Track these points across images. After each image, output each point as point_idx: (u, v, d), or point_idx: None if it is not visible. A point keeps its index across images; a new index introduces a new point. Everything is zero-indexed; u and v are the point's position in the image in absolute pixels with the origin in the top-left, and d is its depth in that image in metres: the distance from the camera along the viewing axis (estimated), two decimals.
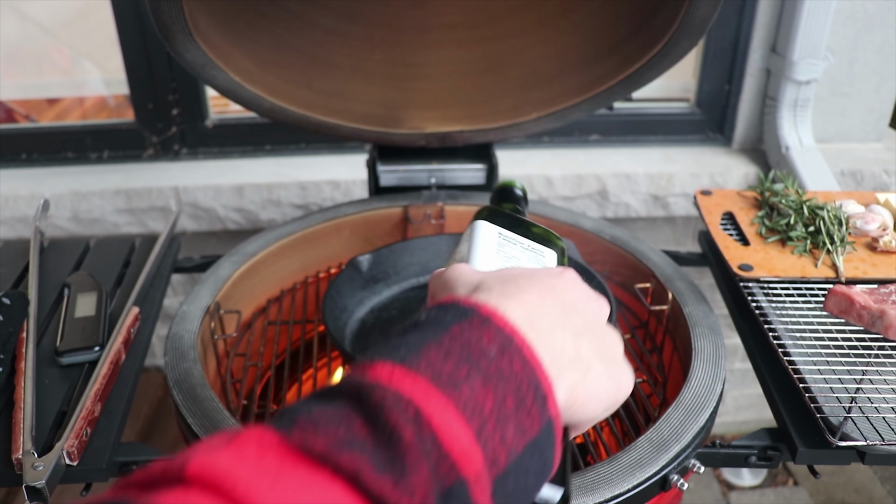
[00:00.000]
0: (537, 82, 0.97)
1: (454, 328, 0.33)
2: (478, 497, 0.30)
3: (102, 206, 1.25)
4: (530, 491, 0.34)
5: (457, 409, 0.30)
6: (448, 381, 0.31)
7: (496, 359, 0.33)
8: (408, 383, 0.30)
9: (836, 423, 0.61)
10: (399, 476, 0.28)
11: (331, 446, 0.28)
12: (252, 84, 0.88)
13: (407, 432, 0.29)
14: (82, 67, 1.40)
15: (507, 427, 0.31)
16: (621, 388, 0.40)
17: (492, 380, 0.32)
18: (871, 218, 0.85)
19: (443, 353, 0.32)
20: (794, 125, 1.29)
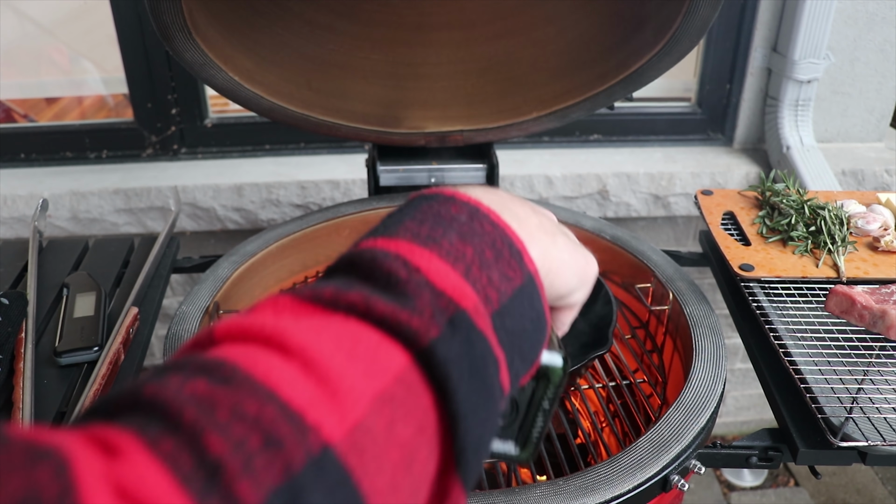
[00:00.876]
0: (538, 82, 0.97)
1: (423, 206, 0.37)
2: (481, 325, 0.32)
3: (101, 205, 1.25)
4: (531, 337, 0.36)
5: (440, 257, 0.33)
6: (427, 238, 0.34)
7: (467, 222, 0.35)
8: (391, 245, 0.33)
9: (837, 424, 0.61)
10: (404, 302, 0.31)
11: (337, 291, 0.31)
12: (251, 83, 0.88)
13: (402, 272, 0.31)
14: (81, 67, 1.39)
15: (491, 272, 0.34)
16: (588, 263, 0.43)
17: (467, 236, 0.35)
18: (873, 218, 0.85)
19: (417, 222, 0.35)
20: (796, 125, 1.29)
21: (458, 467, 0.31)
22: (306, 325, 0.29)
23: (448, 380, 0.30)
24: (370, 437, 0.27)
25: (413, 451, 0.29)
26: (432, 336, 0.30)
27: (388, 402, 0.28)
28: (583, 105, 0.96)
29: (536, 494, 0.59)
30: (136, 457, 0.23)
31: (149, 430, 0.24)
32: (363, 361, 0.28)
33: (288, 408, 0.25)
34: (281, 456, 0.24)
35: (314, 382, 0.26)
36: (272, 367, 0.26)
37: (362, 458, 0.26)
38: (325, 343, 0.28)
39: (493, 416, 0.32)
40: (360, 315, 0.30)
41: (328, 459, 0.25)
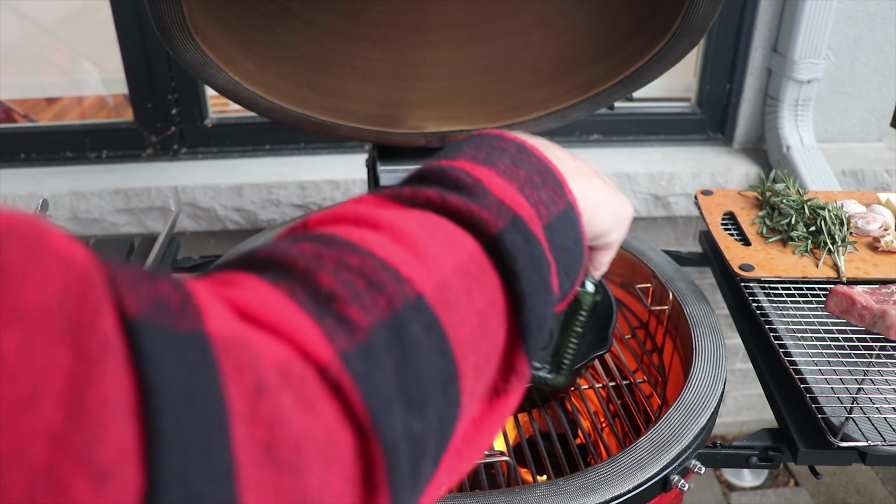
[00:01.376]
0: (538, 82, 0.97)
1: (477, 139, 0.41)
2: (536, 231, 0.35)
3: (101, 205, 1.25)
4: (574, 256, 0.39)
5: (497, 174, 0.37)
6: (484, 159, 0.38)
7: (516, 153, 0.39)
8: (455, 163, 0.37)
9: (837, 424, 0.61)
10: (473, 198, 0.34)
11: (415, 190, 0.35)
12: (251, 83, 0.88)
13: (468, 180, 0.35)
14: (81, 67, 1.39)
15: (541, 192, 0.38)
16: (624, 206, 0.45)
17: (518, 162, 0.39)
18: (873, 218, 0.85)
19: (474, 148, 0.39)
20: (796, 125, 1.29)
21: (523, 342, 0.34)
22: (391, 211, 0.33)
23: (515, 262, 0.33)
24: (453, 294, 0.30)
25: (486, 319, 0.32)
26: (500, 226, 0.33)
27: (465, 273, 0.31)
28: (583, 105, 0.96)
29: (536, 494, 0.59)
30: (255, 286, 0.26)
31: (266, 275, 0.27)
32: (442, 240, 0.32)
33: (385, 262, 0.28)
34: (384, 296, 0.27)
35: (403, 247, 0.30)
36: (366, 235, 0.30)
37: (448, 310, 0.29)
38: (409, 223, 0.32)
39: (549, 304, 0.36)
40: (436, 209, 0.34)
41: (422, 305, 0.28)
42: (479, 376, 0.32)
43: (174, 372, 0.19)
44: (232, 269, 0.28)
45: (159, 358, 0.19)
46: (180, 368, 0.20)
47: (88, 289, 0.18)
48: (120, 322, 0.19)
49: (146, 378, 0.19)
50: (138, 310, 0.20)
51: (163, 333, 0.20)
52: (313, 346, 0.24)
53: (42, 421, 0.16)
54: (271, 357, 0.23)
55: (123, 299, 0.20)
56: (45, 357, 0.16)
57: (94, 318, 0.18)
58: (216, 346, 0.21)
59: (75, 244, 0.19)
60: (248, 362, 0.22)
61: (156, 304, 0.20)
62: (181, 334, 0.20)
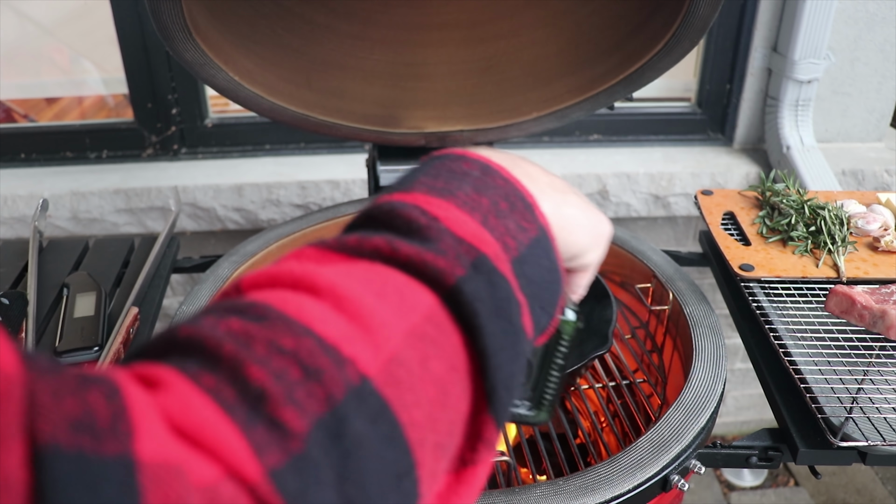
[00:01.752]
0: (538, 82, 0.97)
1: (436, 164, 0.37)
2: (502, 269, 0.32)
3: (101, 205, 1.25)
4: (549, 287, 0.36)
5: (457, 206, 0.33)
6: (443, 190, 0.34)
7: (480, 176, 0.36)
8: (408, 197, 0.34)
9: (837, 424, 0.61)
10: (428, 244, 0.31)
11: (361, 238, 0.31)
12: (251, 83, 0.88)
13: (422, 219, 0.32)
14: (81, 67, 1.39)
15: (507, 221, 0.35)
16: (601, 222, 0.42)
17: (481, 188, 0.35)
18: (873, 218, 0.85)
19: (431, 177, 0.35)
20: (796, 125, 1.29)
21: (490, 405, 0.31)
22: (333, 269, 0.29)
23: (476, 316, 0.30)
24: (405, 370, 0.27)
25: (447, 388, 0.29)
26: (458, 274, 0.30)
27: (420, 338, 0.28)
28: (583, 105, 0.96)
29: (536, 494, 0.59)
30: (179, 388, 0.23)
31: (188, 366, 0.24)
32: (392, 300, 0.28)
33: (324, 341, 0.25)
34: (322, 387, 0.24)
35: (346, 318, 0.27)
36: (304, 305, 0.27)
37: (399, 390, 0.26)
38: (353, 283, 0.28)
39: (520, 356, 0.32)
40: (385, 259, 0.30)
41: (367, 391, 0.25)
42: (441, 455, 0.29)
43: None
44: (154, 359, 0.25)
45: (67, 493, 0.18)
46: (92, 502, 0.18)
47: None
48: (28, 453, 0.18)
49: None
50: (52, 433, 0.18)
51: (77, 462, 0.18)
52: (241, 465, 0.22)
53: None
54: (200, 481, 0.21)
55: (36, 422, 0.18)
56: None
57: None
58: (143, 474, 0.19)
59: (3, 348, 0.18)
60: (175, 493, 0.20)
61: (77, 426, 0.19)
62: (102, 460, 0.19)
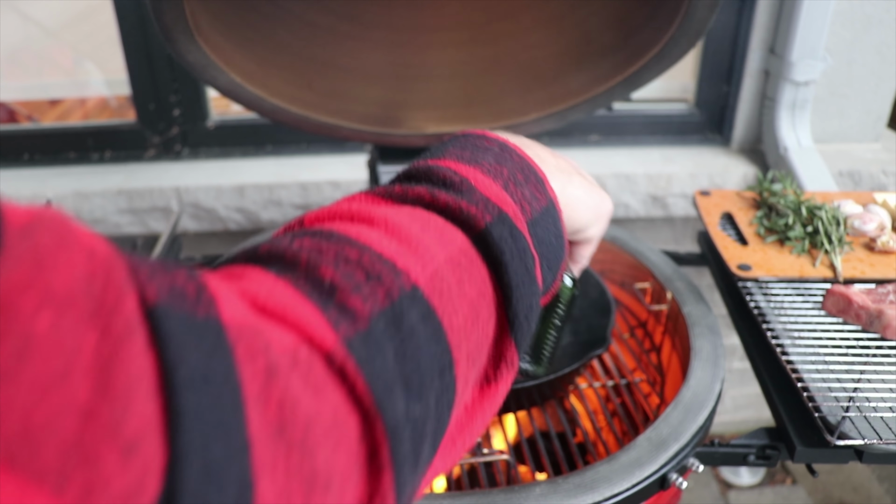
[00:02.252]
0: (537, 83, 0.98)
1: (461, 139, 0.42)
2: (520, 227, 0.37)
3: (104, 206, 1.25)
4: (556, 251, 0.41)
5: (482, 172, 0.38)
6: (469, 158, 0.39)
7: (499, 152, 0.41)
8: (441, 162, 0.39)
9: (834, 423, 0.62)
10: (461, 195, 0.36)
11: (405, 187, 0.36)
12: (253, 85, 0.89)
13: (455, 178, 0.37)
14: (84, 68, 1.40)
15: (524, 189, 0.39)
16: (603, 200, 0.47)
17: (501, 161, 0.40)
18: (869, 218, 0.85)
19: (459, 148, 0.41)
20: (793, 126, 1.29)
21: (512, 330, 0.36)
22: (384, 208, 0.34)
23: (502, 254, 0.35)
24: (446, 285, 0.31)
25: (478, 309, 0.33)
26: (487, 220, 0.35)
27: (457, 265, 0.33)
28: (582, 106, 0.96)
29: (536, 493, 0.60)
30: (260, 276, 0.27)
31: (271, 268, 0.28)
32: (433, 233, 0.33)
33: (382, 255, 0.30)
34: (382, 286, 0.28)
35: (398, 241, 0.31)
36: (362, 231, 0.31)
37: (442, 300, 0.31)
38: (402, 218, 0.33)
39: (535, 296, 0.37)
40: (426, 205, 0.35)
41: (417, 295, 0.29)
42: (472, 364, 0.33)
43: (192, 355, 0.20)
44: (238, 263, 0.29)
45: (178, 341, 0.20)
46: (198, 352, 0.21)
47: (112, 276, 0.19)
48: (141, 308, 0.20)
49: (167, 360, 0.20)
50: (157, 297, 0.21)
51: (181, 319, 0.21)
52: (318, 334, 0.25)
53: (73, 396, 0.17)
54: (280, 344, 0.24)
55: (144, 287, 0.21)
56: (75, 337, 0.17)
57: (118, 302, 0.19)
58: (230, 332, 0.22)
59: (98, 237, 0.20)
60: (259, 348, 0.23)
61: (173, 293, 0.21)
62: (197, 321, 0.21)
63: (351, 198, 0.36)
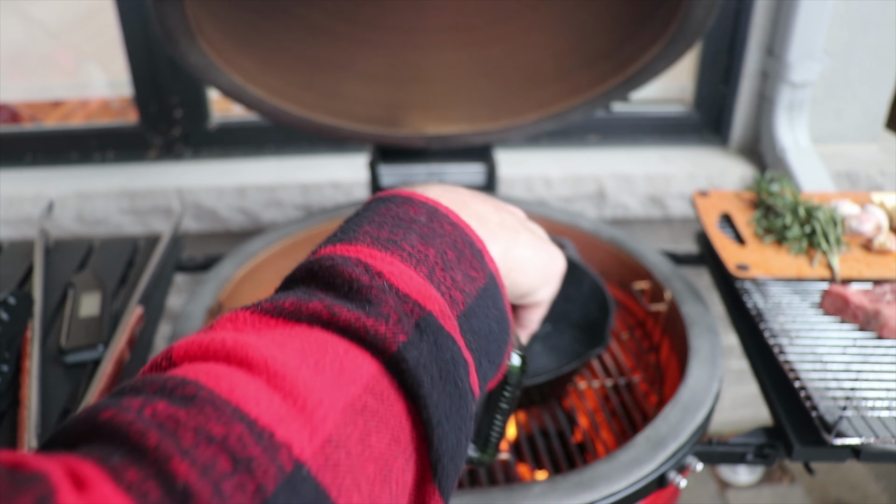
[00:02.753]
0: (537, 84, 0.98)
1: (381, 209, 0.36)
2: (448, 328, 0.31)
3: (106, 206, 1.26)
4: (497, 338, 0.35)
5: (402, 260, 0.32)
6: (387, 241, 0.33)
7: (427, 223, 0.35)
8: (351, 250, 0.32)
9: (831, 422, 0.62)
10: (369, 309, 0.29)
11: (298, 302, 0.29)
12: (254, 86, 0.89)
13: (364, 278, 0.30)
14: (86, 70, 1.40)
15: (455, 273, 0.33)
16: (553, 259, 0.42)
17: (427, 237, 0.34)
18: (866, 218, 0.86)
19: (376, 225, 0.34)
20: (791, 126, 1.30)
21: (435, 476, 0.30)
22: (268, 338, 0.28)
23: (420, 385, 0.29)
24: (343, 450, 0.25)
25: (389, 463, 0.28)
26: (400, 341, 0.29)
27: (360, 412, 0.27)
28: (581, 107, 0.97)
29: (535, 492, 0.60)
30: (102, 489, 0.21)
31: (111, 459, 0.22)
32: (330, 372, 0.27)
33: (256, 425, 0.24)
34: (252, 478, 0.22)
35: (281, 397, 0.25)
36: (236, 383, 0.25)
37: (336, 474, 0.25)
38: (289, 356, 0.27)
39: (467, 420, 0.31)
40: (324, 324, 0.29)
41: (301, 478, 0.24)
42: None
43: None
44: (78, 444, 0.23)
45: None
46: None
47: None
48: None
49: None
50: None
51: None
52: None
53: None
54: None
55: None
56: None
57: None
58: None
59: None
60: None
61: None
62: None
63: (234, 316, 0.30)
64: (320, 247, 0.34)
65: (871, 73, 1.29)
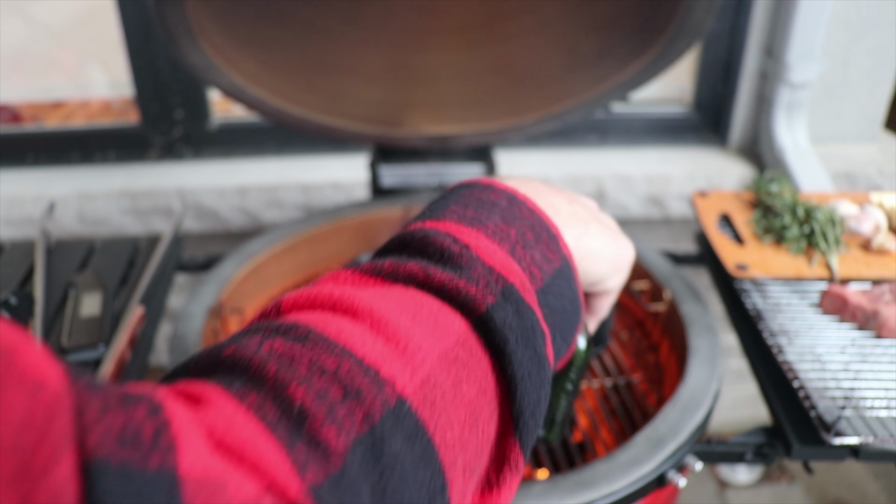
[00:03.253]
0: (536, 85, 0.99)
1: (465, 193, 0.38)
2: (528, 300, 0.33)
3: (107, 207, 1.26)
4: (569, 317, 0.37)
5: (486, 236, 0.34)
6: (472, 219, 0.35)
7: (507, 207, 0.37)
8: (440, 225, 0.35)
9: (830, 421, 0.62)
10: (460, 272, 0.32)
11: (396, 263, 0.32)
12: (255, 87, 0.89)
13: (454, 247, 0.33)
14: (87, 70, 1.41)
15: (534, 252, 0.36)
16: (623, 249, 0.43)
17: (508, 219, 0.36)
18: (865, 218, 0.86)
19: (462, 206, 0.37)
20: (790, 127, 1.30)
21: (516, 430, 0.32)
22: (370, 292, 0.30)
23: (506, 343, 0.31)
24: (439, 391, 0.28)
25: (477, 411, 0.30)
26: (489, 302, 0.31)
27: (453, 362, 0.29)
28: (581, 107, 0.97)
29: (535, 491, 0.60)
30: (223, 405, 0.23)
31: (233, 385, 0.24)
32: (427, 324, 0.29)
33: (363, 362, 0.26)
34: (361, 406, 0.25)
35: (384, 340, 0.28)
36: (343, 327, 0.27)
37: (433, 411, 0.27)
38: (390, 306, 0.29)
39: (545, 383, 0.33)
40: (420, 285, 0.31)
41: (404, 411, 0.26)
42: (470, 476, 0.30)
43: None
44: (198, 377, 0.26)
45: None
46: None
47: (51, 426, 0.17)
48: (78, 465, 0.18)
49: None
50: (100, 447, 0.18)
51: (124, 476, 0.19)
52: (283, 481, 0.22)
53: None
54: (241, 496, 0.21)
55: (87, 434, 0.18)
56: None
57: (49, 464, 0.17)
58: (185, 487, 0.20)
59: (50, 364, 0.18)
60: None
61: (123, 439, 0.19)
62: (148, 474, 0.19)
63: (336, 275, 0.32)
64: (410, 223, 0.36)
65: (869, 73, 1.30)
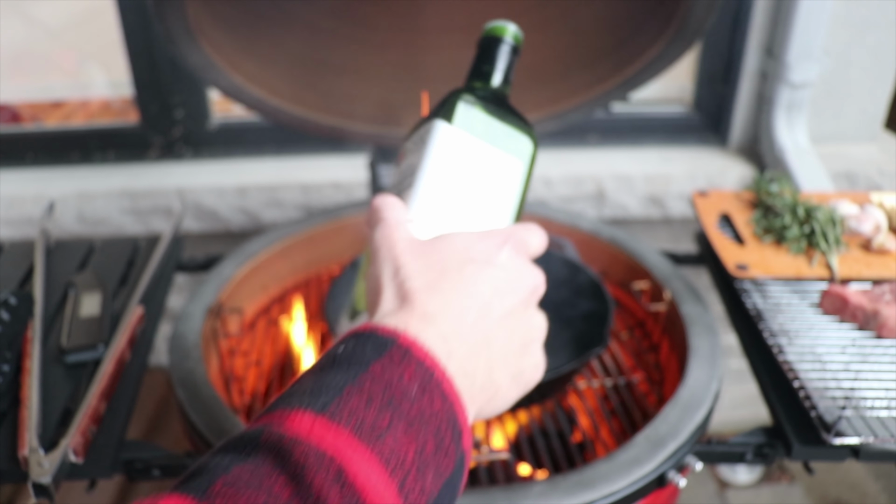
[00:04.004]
0: (536, 85, 0.98)
1: (374, 367, 0.32)
2: None
3: (107, 206, 1.26)
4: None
5: (380, 463, 0.30)
6: (371, 431, 0.30)
7: (417, 399, 0.32)
8: (329, 438, 0.29)
9: (830, 421, 0.62)
10: None
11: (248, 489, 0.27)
12: (254, 86, 0.89)
13: (332, 495, 0.28)
14: (87, 70, 1.41)
15: (426, 474, 0.31)
16: (527, 385, 0.41)
17: (413, 425, 0.31)
18: (865, 218, 0.86)
19: (365, 399, 0.31)
20: (790, 127, 1.30)
21: None
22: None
23: None
24: None
25: None
26: None
27: None
28: (581, 107, 0.97)
29: (535, 491, 0.60)
30: None
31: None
32: None
33: None
34: None
35: None
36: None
37: None
38: None
39: None
40: None
41: None
42: None
43: None
44: None
45: None
46: None
47: None
48: None
49: None
50: None
51: None
52: None
53: None
54: None
55: None
56: None
57: None
58: None
59: None
60: None
61: None
62: None
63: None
64: (298, 400, 0.31)
65: (870, 73, 1.29)
